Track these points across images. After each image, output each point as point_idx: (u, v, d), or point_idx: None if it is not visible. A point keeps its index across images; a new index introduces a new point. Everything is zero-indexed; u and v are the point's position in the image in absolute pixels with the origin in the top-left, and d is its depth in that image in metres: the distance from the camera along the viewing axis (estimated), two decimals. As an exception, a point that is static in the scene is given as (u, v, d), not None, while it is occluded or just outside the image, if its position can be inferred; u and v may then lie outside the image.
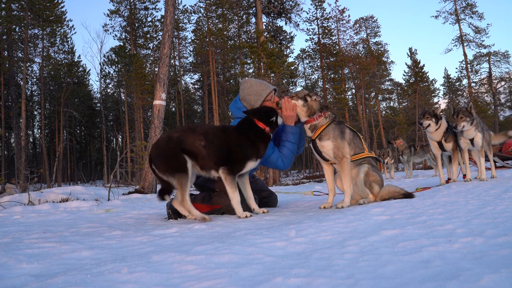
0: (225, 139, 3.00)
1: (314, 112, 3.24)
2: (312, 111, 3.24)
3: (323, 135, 3.18)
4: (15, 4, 22.45)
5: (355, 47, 31.76)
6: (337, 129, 3.20)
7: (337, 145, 3.15)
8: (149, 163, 3.16)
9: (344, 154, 3.15)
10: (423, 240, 1.56)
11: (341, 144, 3.15)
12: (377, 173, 3.27)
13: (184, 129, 3.11)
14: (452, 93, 38.00)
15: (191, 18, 31.79)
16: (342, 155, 3.15)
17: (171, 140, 2.92)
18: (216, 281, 1.22)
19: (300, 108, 3.26)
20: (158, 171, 2.91)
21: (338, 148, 3.15)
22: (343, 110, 27.94)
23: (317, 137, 3.20)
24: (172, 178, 2.83)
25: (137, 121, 25.02)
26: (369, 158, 3.28)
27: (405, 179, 8.56)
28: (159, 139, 3.10)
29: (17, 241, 2.28)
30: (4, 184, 13.15)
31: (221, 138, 3.00)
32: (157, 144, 3.02)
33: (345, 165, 3.14)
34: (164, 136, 3.06)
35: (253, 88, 3.45)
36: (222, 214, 3.37)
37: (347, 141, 3.20)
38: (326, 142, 3.17)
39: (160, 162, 2.89)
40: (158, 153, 2.94)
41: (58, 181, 24.15)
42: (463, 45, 32.24)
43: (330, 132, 3.18)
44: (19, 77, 25.17)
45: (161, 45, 7.76)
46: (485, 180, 4.45)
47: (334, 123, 3.23)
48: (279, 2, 25.42)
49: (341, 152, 3.15)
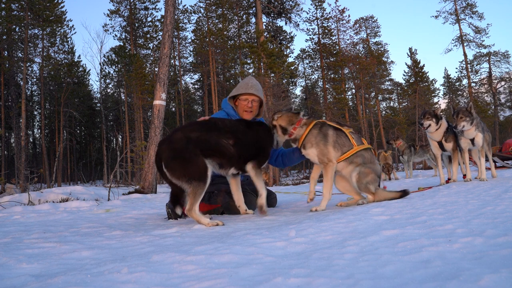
0: (253, 134, 2.99)
1: (286, 128, 3.18)
2: (285, 128, 3.18)
3: (305, 143, 3.14)
4: (15, 4, 22.45)
5: (355, 47, 31.77)
6: (319, 135, 3.12)
7: (320, 151, 3.09)
8: (157, 164, 2.77)
9: (329, 159, 3.09)
10: (423, 240, 1.56)
11: (324, 149, 3.08)
12: (370, 169, 3.14)
13: (202, 127, 2.82)
14: (452, 93, 37.98)
15: (191, 18, 31.81)
16: (327, 160, 3.09)
17: (190, 141, 2.66)
18: (216, 281, 1.22)
19: (278, 135, 3.20)
20: (171, 175, 2.62)
21: (323, 154, 3.09)
22: (343, 110, 27.95)
23: (301, 146, 3.18)
24: (187, 185, 2.58)
25: (137, 121, 25.02)
26: (361, 152, 3.16)
27: (405, 179, 8.56)
28: (174, 139, 2.72)
29: (17, 241, 2.28)
30: (4, 184, 13.15)
31: (248, 134, 2.97)
32: (172, 145, 2.68)
33: (329, 170, 3.09)
34: (181, 137, 2.71)
35: (241, 82, 3.47)
36: (221, 213, 3.37)
37: (331, 144, 3.10)
38: (310, 150, 3.13)
39: (176, 167, 2.59)
40: (174, 155, 2.63)
41: (58, 181, 24.15)
42: (463, 45, 32.23)
43: (312, 139, 3.12)
44: (19, 77, 25.17)
45: (161, 45, 7.76)
46: (486, 180, 4.45)
47: (314, 129, 3.14)
48: (279, 2, 25.42)
49: (326, 157, 3.09)
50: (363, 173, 3.12)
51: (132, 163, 15.77)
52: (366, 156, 3.19)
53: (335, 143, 3.12)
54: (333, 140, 3.12)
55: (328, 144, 3.09)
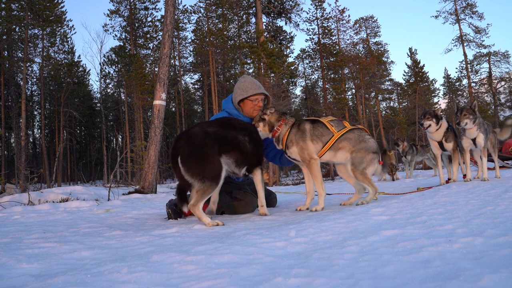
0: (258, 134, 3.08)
1: (273, 125, 3.20)
2: (272, 125, 3.20)
3: (288, 143, 3.15)
4: (15, 4, 22.44)
5: (355, 47, 31.76)
6: (298, 132, 3.13)
7: (300, 147, 3.09)
8: (172, 158, 2.64)
9: (310, 155, 3.08)
10: (423, 240, 1.56)
11: (303, 145, 3.08)
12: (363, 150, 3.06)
13: (218, 123, 2.79)
14: (452, 93, 37.98)
15: (191, 18, 31.80)
16: (309, 157, 3.08)
17: (208, 136, 2.59)
18: (216, 281, 1.22)
19: (262, 129, 3.20)
20: (186, 171, 2.53)
21: (303, 150, 3.08)
22: (343, 110, 27.93)
23: (285, 147, 3.18)
24: (199, 183, 2.50)
25: (137, 121, 25.02)
26: (345, 135, 3.11)
27: (405, 179, 8.56)
28: (192, 133, 2.65)
29: (17, 241, 2.28)
30: (4, 184, 13.14)
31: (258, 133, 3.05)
32: (191, 141, 2.59)
33: (313, 167, 3.08)
34: (199, 131, 2.64)
35: (245, 83, 3.46)
36: (221, 213, 3.37)
37: (309, 139, 3.09)
38: (292, 149, 3.14)
39: (193, 164, 2.51)
40: (193, 151, 2.53)
41: (58, 181, 24.15)
42: (463, 45, 32.24)
43: (292, 138, 3.13)
44: (19, 77, 25.17)
45: (161, 45, 7.76)
46: (487, 180, 4.46)
47: (294, 127, 3.16)
48: (279, 2, 25.42)
49: (306, 153, 3.08)
50: (356, 160, 3.07)
51: (132, 163, 15.77)
52: (352, 138, 3.12)
53: (312, 136, 3.11)
54: (310, 134, 3.11)
55: (306, 139, 3.10)
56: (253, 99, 3.43)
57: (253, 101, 3.43)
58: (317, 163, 3.10)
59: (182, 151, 2.58)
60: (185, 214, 3.28)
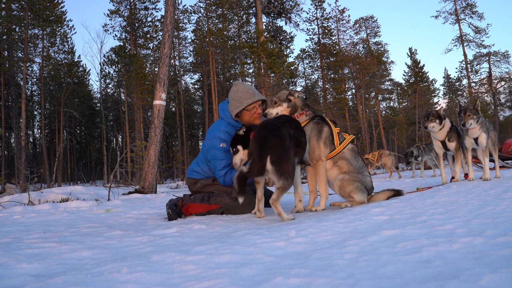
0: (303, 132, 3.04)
1: (296, 109, 3.13)
2: (295, 109, 3.14)
3: None
4: (15, 4, 22.46)
5: (355, 47, 31.81)
6: (314, 129, 3.06)
7: (312, 146, 3.02)
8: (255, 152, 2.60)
9: (320, 157, 3.02)
10: (423, 240, 1.56)
11: (316, 145, 3.02)
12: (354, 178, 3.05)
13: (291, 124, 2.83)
14: (452, 93, 38.03)
15: (191, 18, 31.87)
16: (318, 157, 3.02)
17: (291, 138, 2.68)
18: (216, 281, 1.22)
19: (285, 110, 3.12)
20: (276, 171, 2.55)
21: (314, 150, 3.02)
22: (343, 110, 27.95)
23: None
24: (284, 181, 2.57)
25: (137, 121, 25.03)
26: (345, 150, 3.10)
27: (405, 179, 8.57)
28: (282, 134, 2.66)
29: (17, 241, 2.28)
30: (4, 184, 13.15)
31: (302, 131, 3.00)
32: (282, 142, 2.62)
33: (319, 168, 3.03)
34: (286, 133, 2.67)
35: (238, 93, 3.33)
36: (221, 214, 3.37)
37: (323, 141, 3.04)
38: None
39: (285, 165, 2.56)
40: (283, 153, 2.58)
41: (58, 181, 24.17)
42: (463, 45, 32.28)
43: (307, 131, 3.05)
44: (19, 77, 25.19)
45: (161, 45, 7.75)
46: (489, 179, 4.47)
47: (312, 122, 3.09)
48: (279, 2, 25.42)
49: (316, 154, 3.02)
50: (346, 183, 3.04)
51: (132, 163, 15.77)
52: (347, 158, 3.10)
53: (326, 140, 3.07)
54: (325, 137, 3.08)
55: (321, 140, 3.05)
56: (250, 108, 3.31)
57: (250, 110, 3.31)
58: (324, 165, 3.06)
59: (274, 151, 2.57)
60: (185, 215, 3.28)
